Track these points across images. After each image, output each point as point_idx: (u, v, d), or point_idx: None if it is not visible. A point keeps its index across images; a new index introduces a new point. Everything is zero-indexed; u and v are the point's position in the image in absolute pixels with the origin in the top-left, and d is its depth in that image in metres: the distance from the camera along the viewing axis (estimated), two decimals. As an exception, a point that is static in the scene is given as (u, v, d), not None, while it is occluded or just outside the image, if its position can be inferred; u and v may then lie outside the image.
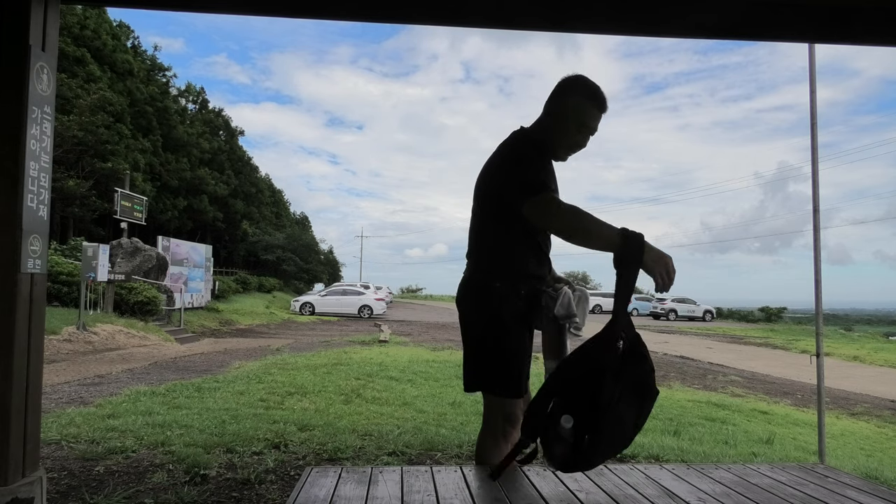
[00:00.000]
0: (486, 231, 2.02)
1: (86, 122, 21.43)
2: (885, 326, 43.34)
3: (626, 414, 1.67)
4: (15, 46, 1.99)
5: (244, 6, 2.36)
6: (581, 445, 1.62)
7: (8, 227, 1.97)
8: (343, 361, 8.60)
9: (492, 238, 2.00)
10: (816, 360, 3.90)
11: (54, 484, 2.78)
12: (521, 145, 1.95)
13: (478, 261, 2.06)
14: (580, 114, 1.93)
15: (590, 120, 1.95)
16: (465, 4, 2.31)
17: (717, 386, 9.78)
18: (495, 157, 2.01)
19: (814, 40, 3.35)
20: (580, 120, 1.94)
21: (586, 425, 1.62)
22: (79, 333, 10.43)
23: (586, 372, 1.67)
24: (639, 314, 34.69)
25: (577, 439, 1.62)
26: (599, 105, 1.94)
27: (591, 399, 1.62)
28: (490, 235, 2.01)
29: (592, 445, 1.63)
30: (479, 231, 2.04)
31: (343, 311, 24.87)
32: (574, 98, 1.94)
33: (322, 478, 2.07)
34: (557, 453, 1.65)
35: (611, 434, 1.66)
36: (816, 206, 3.89)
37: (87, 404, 5.01)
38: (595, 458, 1.71)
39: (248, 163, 44.86)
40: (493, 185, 1.97)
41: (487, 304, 1.96)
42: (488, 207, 2.00)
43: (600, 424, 1.62)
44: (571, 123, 1.94)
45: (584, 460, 1.69)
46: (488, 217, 2.01)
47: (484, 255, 2.05)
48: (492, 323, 1.95)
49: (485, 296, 1.98)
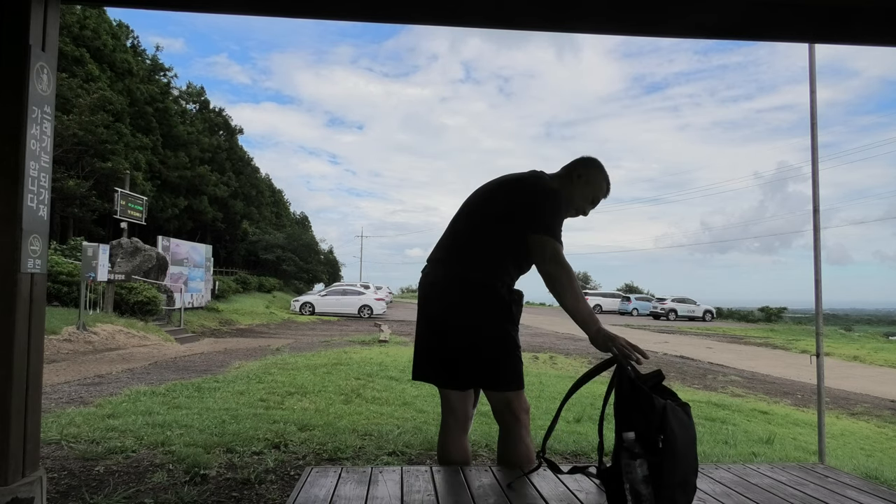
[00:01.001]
0: (489, 236, 2.11)
1: (86, 121, 21.40)
2: (885, 326, 43.35)
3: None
4: (15, 46, 1.99)
5: (244, 6, 2.36)
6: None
7: (8, 226, 1.97)
8: (343, 361, 8.60)
9: (492, 244, 2.11)
10: (816, 360, 3.90)
11: (54, 484, 2.78)
12: (554, 193, 2.12)
13: (472, 261, 2.12)
14: (599, 190, 2.26)
15: (600, 197, 2.29)
16: (464, 4, 2.31)
17: (717, 386, 9.78)
18: (519, 185, 2.17)
19: (814, 40, 3.35)
20: (596, 194, 2.27)
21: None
22: (79, 333, 10.43)
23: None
24: (639, 314, 34.72)
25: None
26: (608, 191, 2.30)
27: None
28: (492, 241, 2.11)
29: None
30: (479, 234, 2.14)
31: (343, 311, 24.86)
32: (600, 175, 2.26)
33: (322, 478, 2.07)
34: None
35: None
36: (816, 206, 3.89)
37: (87, 404, 5.00)
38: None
39: (248, 163, 44.84)
40: (514, 203, 2.12)
41: (499, 303, 2.09)
42: (498, 219, 2.13)
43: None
44: (590, 193, 2.25)
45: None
46: (494, 223, 2.13)
47: (481, 257, 2.11)
48: (506, 321, 2.09)
49: (493, 295, 2.08)
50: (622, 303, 36.48)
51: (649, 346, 16.03)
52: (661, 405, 1.61)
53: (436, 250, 2.26)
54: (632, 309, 35.28)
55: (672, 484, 1.58)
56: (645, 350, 1.82)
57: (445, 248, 2.22)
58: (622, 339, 1.80)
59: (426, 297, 2.18)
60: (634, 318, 32.69)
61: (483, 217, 2.16)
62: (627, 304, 35.92)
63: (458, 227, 2.22)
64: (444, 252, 2.21)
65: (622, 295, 39.07)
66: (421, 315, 2.22)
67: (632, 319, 31.81)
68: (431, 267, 2.23)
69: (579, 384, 1.90)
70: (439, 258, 2.22)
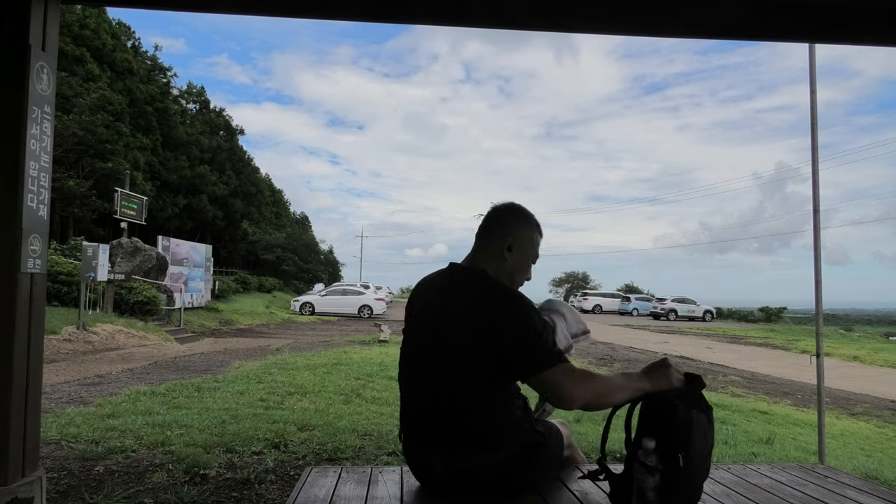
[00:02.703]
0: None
1: (86, 121, 21.41)
2: (885, 327, 43.39)
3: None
4: (15, 46, 1.99)
5: (244, 6, 2.36)
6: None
7: (8, 226, 1.97)
8: (343, 361, 8.59)
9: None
10: (816, 360, 3.90)
11: (54, 484, 2.78)
12: (530, 307, 1.62)
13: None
14: (535, 246, 1.81)
15: (538, 251, 1.84)
16: (466, 4, 2.31)
17: (717, 386, 9.78)
18: (475, 303, 1.64)
19: (814, 40, 3.35)
20: (535, 252, 1.82)
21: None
22: (79, 333, 10.43)
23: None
24: (639, 314, 34.74)
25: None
26: (541, 233, 1.84)
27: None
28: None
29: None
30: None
31: (343, 310, 24.86)
32: (527, 232, 1.80)
33: (322, 478, 2.07)
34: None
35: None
36: (816, 206, 3.89)
37: (87, 404, 5.01)
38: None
39: (248, 163, 44.86)
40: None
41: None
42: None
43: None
44: (529, 258, 1.81)
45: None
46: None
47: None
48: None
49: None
50: (622, 303, 36.50)
51: (650, 346, 16.04)
52: (689, 419, 1.53)
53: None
54: (632, 309, 35.30)
55: (682, 497, 1.55)
56: (645, 350, 1.80)
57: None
58: (670, 367, 1.60)
59: None
60: (634, 318, 32.70)
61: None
62: (627, 304, 35.93)
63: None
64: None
65: (622, 295, 39.09)
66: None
67: (632, 319, 31.81)
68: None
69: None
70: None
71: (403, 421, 1.79)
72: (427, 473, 1.76)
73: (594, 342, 16.47)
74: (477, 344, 1.58)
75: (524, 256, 1.79)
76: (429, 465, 1.73)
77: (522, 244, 1.78)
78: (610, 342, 16.61)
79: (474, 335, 1.59)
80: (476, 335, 1.59)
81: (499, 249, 1.76)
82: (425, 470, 1.76)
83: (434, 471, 1.72)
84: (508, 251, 1.76)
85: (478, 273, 1.73)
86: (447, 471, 1.67)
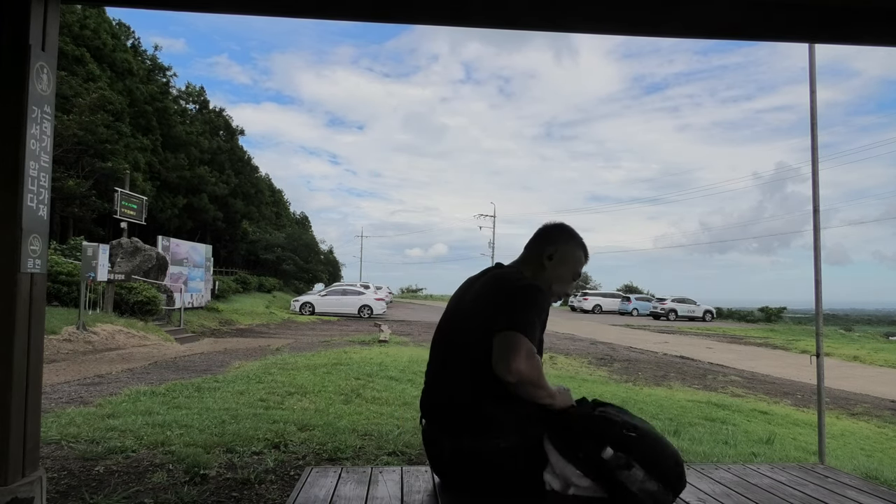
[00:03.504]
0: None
1: (85, 121, 21.40)
2: (885, 327, 43.40)
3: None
4: (15, 46, 1.99)
5: (244, 6, 2.36)
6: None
7: (8, 226, 1.97)
8: (343, 361, 8.59)
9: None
10: (816, 360, 3.90)
11: (54, 484, 2.78)
12: (536, 290, 1.76)
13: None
14: (578, 263, 1.92)
15: (580, 271, 1.94)
16: (466, 4, 2.31)
17: (717, 386, 9.78)
18: (491, 296, 1.77)
19: (814, 40, 3.35)
20: (576, 270, 1.92)
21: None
22: (79, 333, 10.43)
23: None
24: (639, 314, 34.73)
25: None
26: (587, 255, 1.95)
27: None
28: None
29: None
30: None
31: (343, 310, 24.85)
32: (574, 244, 1.92)
33: (322, 478, 2.07)
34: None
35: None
36: (816, 206, 3.89)
37: (87, 404, 5.00)
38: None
39: (248, 163, 44.85)
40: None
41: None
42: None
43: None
44: (569, 271, 1.91)
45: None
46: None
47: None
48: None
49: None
50: (622, 303, 36.49)
51: (650, 346, 16.05)
52: (606, 412, 1.74)
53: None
54: (632, 309, 35.30)
55: (669, 465, 1.66)
56: (645, 350, 1.84)
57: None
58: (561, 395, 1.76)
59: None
60: (634, 318, 32.69)
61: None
62: (627, 304, 35.92)
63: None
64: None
65: (622, 295, 39.07)
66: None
67: (632, 319, 31.80)
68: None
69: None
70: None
71: (423, 406, 1.89)
72: (437, 457, 1.85)
73: (594, 342, 16.48)
74: (484, 334, 1.67)
75: (565, 269, 1.90)
76: (439, 449, 1.82)
77: (564, 256, 1.89)
78: (610, 342, 16.61)
79: (482, 323, 1.69)
80: (482, 323, 1.69)
81: (540, 257, 1.88)
82: (436, 453, 1.84)
83: (443, 456, 1.81)
84: (549, 259, 1.87)
85: (505, 270, 1.88)
86: (452, 452, 1.76)
